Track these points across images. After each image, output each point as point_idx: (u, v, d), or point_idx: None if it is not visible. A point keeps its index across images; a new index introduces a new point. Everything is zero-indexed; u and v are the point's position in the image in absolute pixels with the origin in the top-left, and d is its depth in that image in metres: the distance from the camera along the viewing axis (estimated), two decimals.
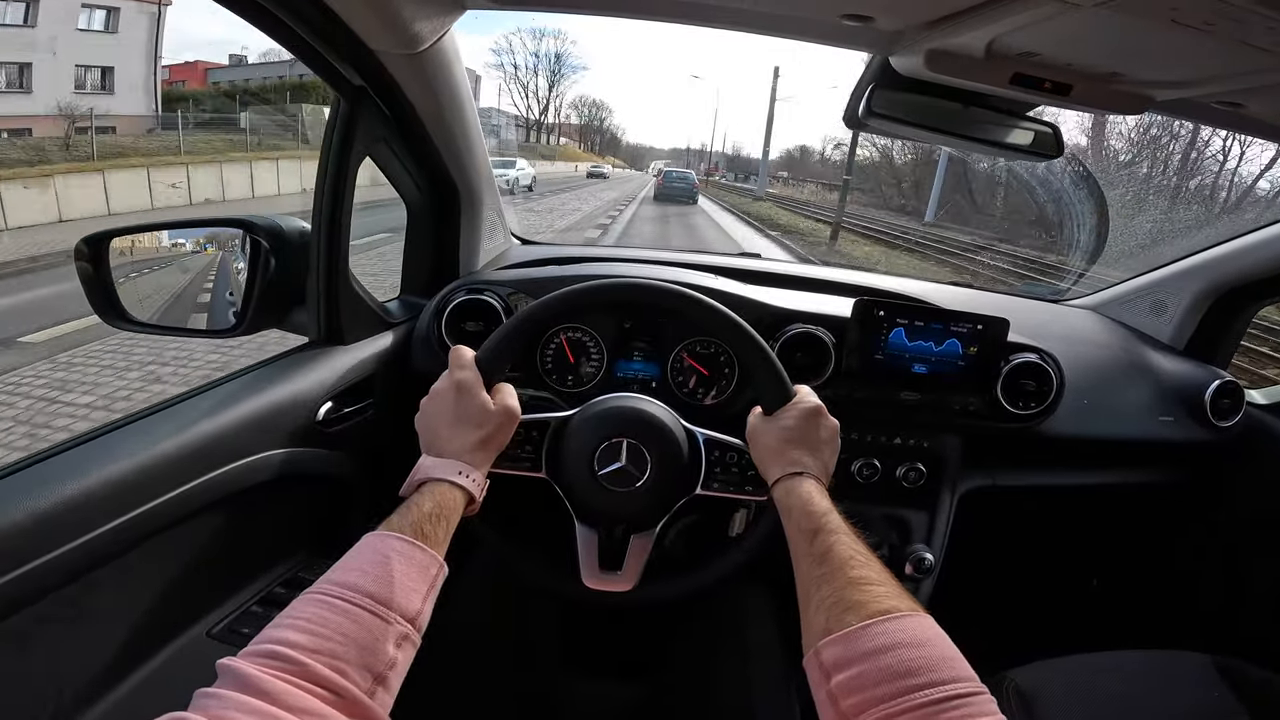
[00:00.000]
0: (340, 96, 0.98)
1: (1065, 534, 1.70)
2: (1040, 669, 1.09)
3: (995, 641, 0.95)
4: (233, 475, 0.85)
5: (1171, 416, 1.35)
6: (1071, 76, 0.85)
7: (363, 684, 0.51)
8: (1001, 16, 0.70)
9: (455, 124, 1.14)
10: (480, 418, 0.79)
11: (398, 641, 0.55)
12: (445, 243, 1.34)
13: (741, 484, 0.89)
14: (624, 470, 0.86)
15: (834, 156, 48.59)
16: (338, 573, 0.58)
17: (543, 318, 0.90)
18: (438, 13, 0.89)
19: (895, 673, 0.51)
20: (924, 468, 1.24)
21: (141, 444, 0.76)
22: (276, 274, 1.01)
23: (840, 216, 17.54)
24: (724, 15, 0.92)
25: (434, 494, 0.71)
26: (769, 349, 0.89)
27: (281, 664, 0.48)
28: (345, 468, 1.05)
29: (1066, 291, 1.81)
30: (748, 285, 1.27)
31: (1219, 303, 1.47)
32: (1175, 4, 0.59)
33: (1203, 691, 1.07)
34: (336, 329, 1.06)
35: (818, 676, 0.57)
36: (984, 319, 1.17)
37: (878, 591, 0.60)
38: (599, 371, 1.19)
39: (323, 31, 0.84)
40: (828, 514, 0.71)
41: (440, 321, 1.18)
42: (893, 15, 0.81)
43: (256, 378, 0.95)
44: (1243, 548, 1.49)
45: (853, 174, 22.22)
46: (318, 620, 0.53)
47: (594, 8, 0.96)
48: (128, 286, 0.98)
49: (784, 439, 0.82)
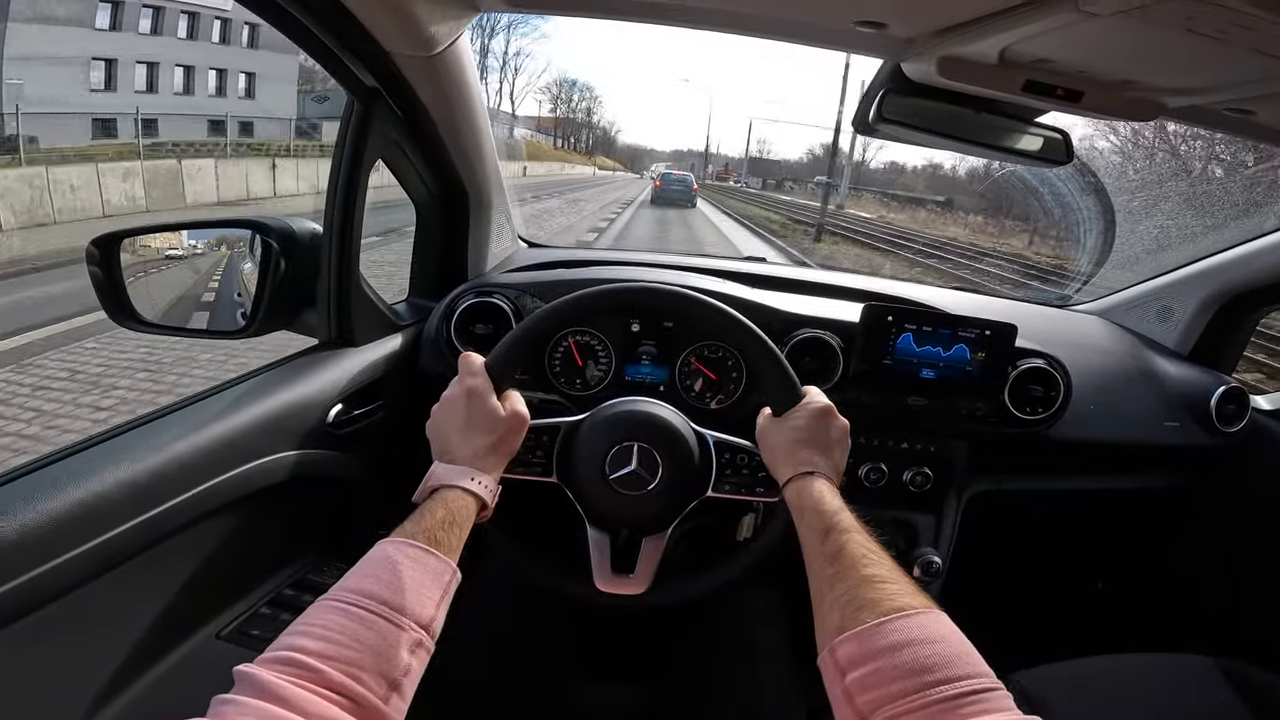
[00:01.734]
0: (354, 98, 0.98)
1: (1071, 538, 1.70)
2: (1046, 671, 1.09)
3: (1001, 644, 0.95)
4: (244, 477, 0.85)
5: (1177, 422, 1.36)
6: (1083, 83, 0.85)
7: (378, 691, 0.51)
8: (1016, 25, 0.70)
9: (466, 126, 1.14)
10: (491, 424, 0.79)
11: (412, 648, 0.56)
12: (454, 245, 1.34)
13: (752, 485, 0.90)
14: (636, 474, 0.86)
15: (915, 163, 41.47)
16: (353, 579, 0.59)
17: (551, 323, 0.91)
18: (452, 15, 0.89)
19: (911, 669, 0.51)
20: (931, 472, 1.24)
21: (154, 446, 0.76)
22: (287, 275, 1.01)
23: (823, 218, 17.30)
24: (736, 21, 0.93)
25: (446, 501, 0.71)
26: (777, 350, 0.89)
27: (298, 670, 0.48)
28: (355, 470, 1.05)
29: (1073, 297, 1.82)
30: (755, 289, 1.28)
31: (1225, 308, 1.47)
32: (1191, 13, 0.59)
33: (1207, 694, 1.08)
34: (347, 331, 1.06)
35: (833, 674, 0.57)
36: (992, 324, 1.17)
37: (891, 589, 0.60)
38: (607, 375, 1.19)
39: (339, 32, 0.85)
40: (839, 513, 0.72)
41: (449, 324, 1.18)
42: (906, 22, 0.81)
43: (268, 379, 0.95)
44: (1247, 552, 1.49)
45: (834, 175, 21.30)
46: (334, 627, 0.53)
47: (604, 11, 0.97)
48: (138, 286, 0.99)
49: (794, 439, 0.83)
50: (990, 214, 22.74)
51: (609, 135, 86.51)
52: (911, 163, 25.85)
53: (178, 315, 1.08)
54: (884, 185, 41.85)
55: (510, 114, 63.66)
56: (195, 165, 13.71)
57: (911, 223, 24.47)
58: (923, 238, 17.38)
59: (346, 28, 0.83)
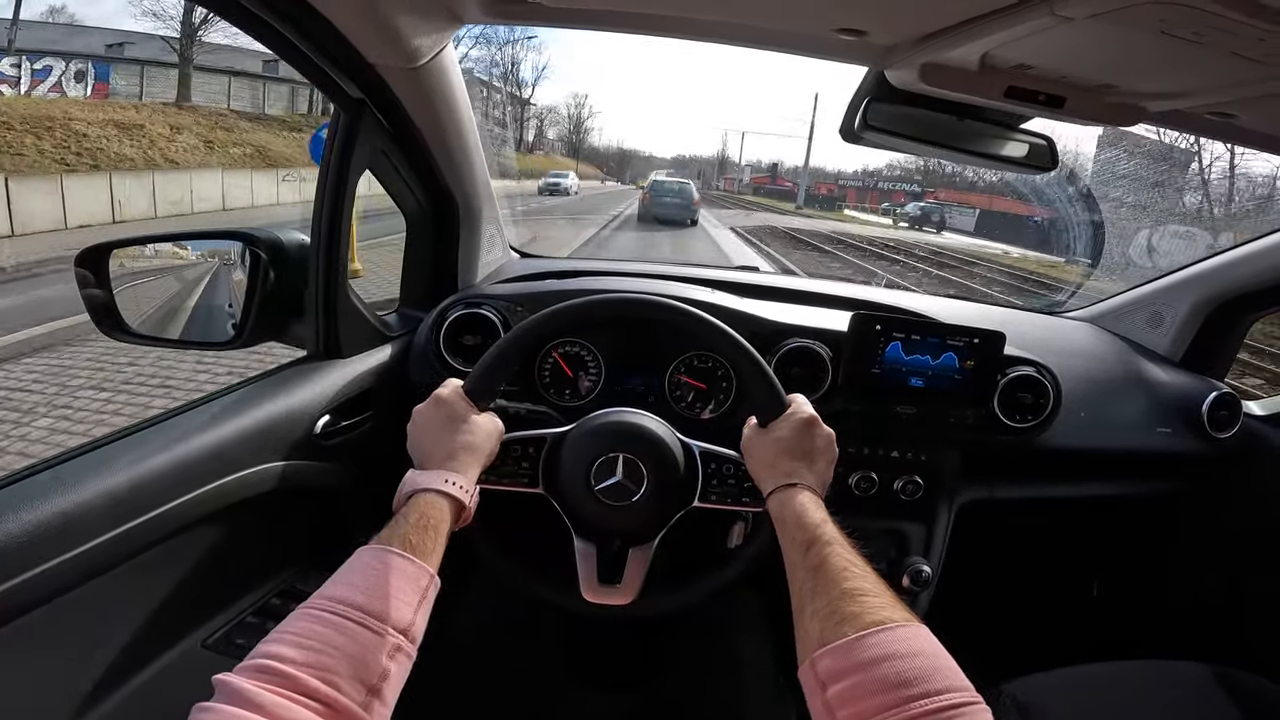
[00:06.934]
0: (340, 109, 0.99)
1: (1063, 545, 1.70)
2: (1038, 680, 1.09)
3: (993, 653, 0.94)
4: (229, 488, 0.85)
5: (1169, 428, 1.36)
6: (1065, 89, 0.85)
7: (356, 696, 0.51)
8: (994, 30, 0.71)
9: (454, 137, 1.15)
10: (462, 426, 0.80)
11: (390, 653, 0.56)
12: (443, 256, 1.35)
13: (739, 495, 0.89)
14: (620, 484, 0.86)
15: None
16: (329, 587, 0.59)
17: (530, 339, 0.91)
18: (435, 27, 0.90)
19: (891, 683, 0.51)
20: (921, 480, 1.24)
21: (138, 457, 0.76)
22: (275, 286, 1.01)
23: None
24: (719, 30, 0.93)
25: (419, 504, 0.71)
26: (761, 360, 0.89)
27: (273, 678, 0.49)
28: (342, 481, 1.05)
29: (1063, 304, 1.82)
30: (745, 299, 1.28)
31: (1215, 314, 1.47)
32: (1164, 15, 0.60)
33: (1201, 701, 1.07)
34: (335, 342, 1.06)
35: (813, 687, 0.57)
36: (981, 332, 1.17)
37: (872, 603, 0.60)
38: (597, 386, 1.19)
39: (322, 44, 0.85)
40: (822, 525, 0.71)
41: (438, 335, 1.18)
42: (887, 30, 0.82)
43: (254, 391, 0.95)
44: (1241, 558, 1.49)
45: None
46: (308, 634, 0.53)
47: (589, 23, 0.97)
48: (126, 296, 0.99)
49: (778, 450, 0.83)
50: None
51: (585, 128, 66.98)
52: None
53: (166, 327, 1.08)
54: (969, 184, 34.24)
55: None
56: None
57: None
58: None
59: (330, 40, 0.84)
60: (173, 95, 19.50)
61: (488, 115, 44.99)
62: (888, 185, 45.15)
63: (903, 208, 33.58)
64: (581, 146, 65.37)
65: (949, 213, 29.71)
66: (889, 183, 45.70)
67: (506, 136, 40.68)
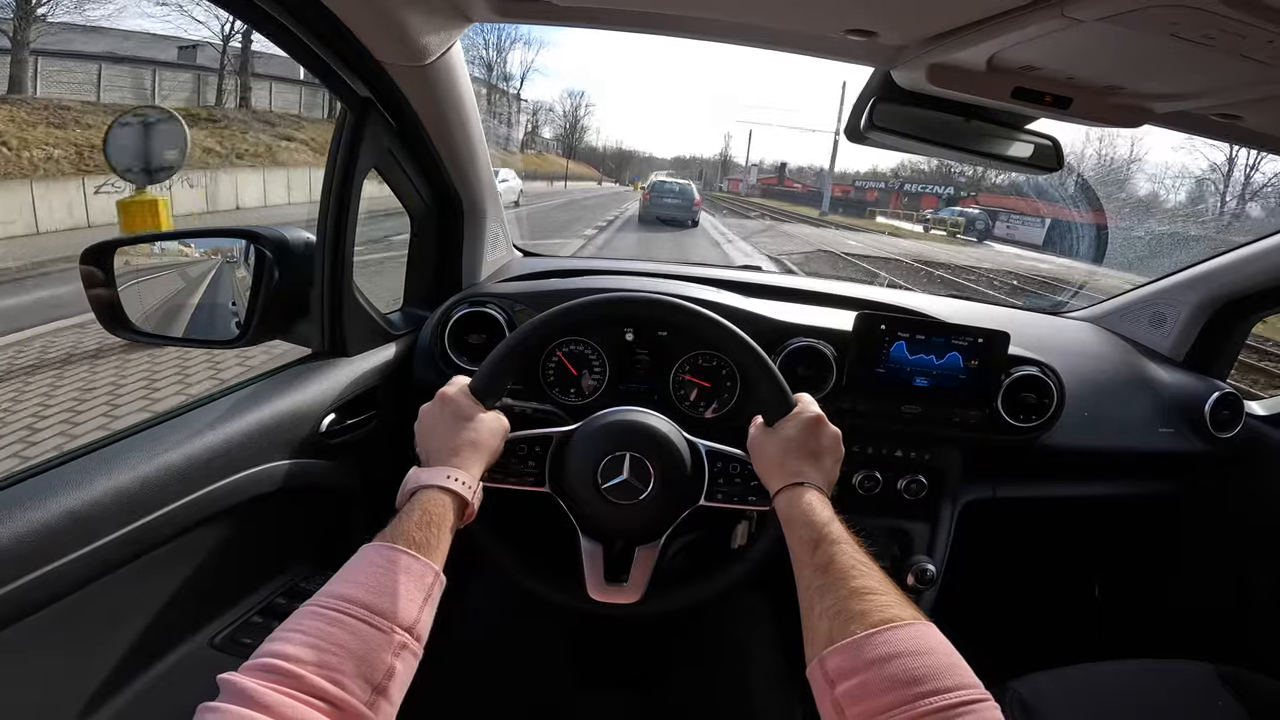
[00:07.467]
0: (347, 108, 0.99)
1: (1066, 545, 1.70)
2: (1042, 679, 1.09)
3: (997, 651, 0.95)
4: (236, 487, 0.85)
5: (1172, 428, 1.36)
6: (1072, 90, 0.86)
7: (361, 694, 0.51)
8: (1003, 31, 0.71)
9: (460, 136, 1.15)
10: (466, 422, 0.81)
11: (396, 651, 0.56)
12: (448, 255, 1.35)
13: (745, 494, 0.89)
14: (627, 483, 0.86)
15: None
16: (334, 585, 0.59)
17: (535, 338, 0.91)
18: (444, 25, 0.90)
19: (900, 681, 0.51)
20: (925, 480, 1.24)
21: (146, 455, 0.76)
22: (280, 285, 1.01)
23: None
24: (729, 30, 0.93)
25: (423, 501, 0.71)
26: (768, 359, 0.89)
27: (278, 676, 0.49)
28: (348, 479, 1.05)
29: (1066, 304, 1.82)
30: (749, 298, 1.28)
31: (1218, 314, 1.48)
32: (1176, 18, 0.60)
33: (1205, 700, 1.07)
34: (340, 340, 1.06)
35: (822, 685, 0.57)
36: (985, 332, 1.17)
37: (880, 601, 0.60)
38: (601, 384, 1.19)
39: (331, 42, 0.85)
40: (829, 524, 0.71)
41: (443, 334, 1.18)
42: (896, 30, 0.82)
43: (261, 389, 0.95)
44: (1244, 557, 1.49)
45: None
46: (313, 632, 0.53)
47: (599, 23, 0.97)
48: (131, 294, 0.99)
49: (785, 449, 0.83)
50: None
51: (578, 124, 63.91)
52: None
53: (171, 324, 1.08)
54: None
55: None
56: None
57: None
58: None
59: (338, 37, 0.84)
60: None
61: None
62: (913, 188, 39.77)
63: (936, 213, 28.67)
64: (578, 146, 63.63)
65: (1010, 222, 23.86)
66: (913, 184, 40.27)
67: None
